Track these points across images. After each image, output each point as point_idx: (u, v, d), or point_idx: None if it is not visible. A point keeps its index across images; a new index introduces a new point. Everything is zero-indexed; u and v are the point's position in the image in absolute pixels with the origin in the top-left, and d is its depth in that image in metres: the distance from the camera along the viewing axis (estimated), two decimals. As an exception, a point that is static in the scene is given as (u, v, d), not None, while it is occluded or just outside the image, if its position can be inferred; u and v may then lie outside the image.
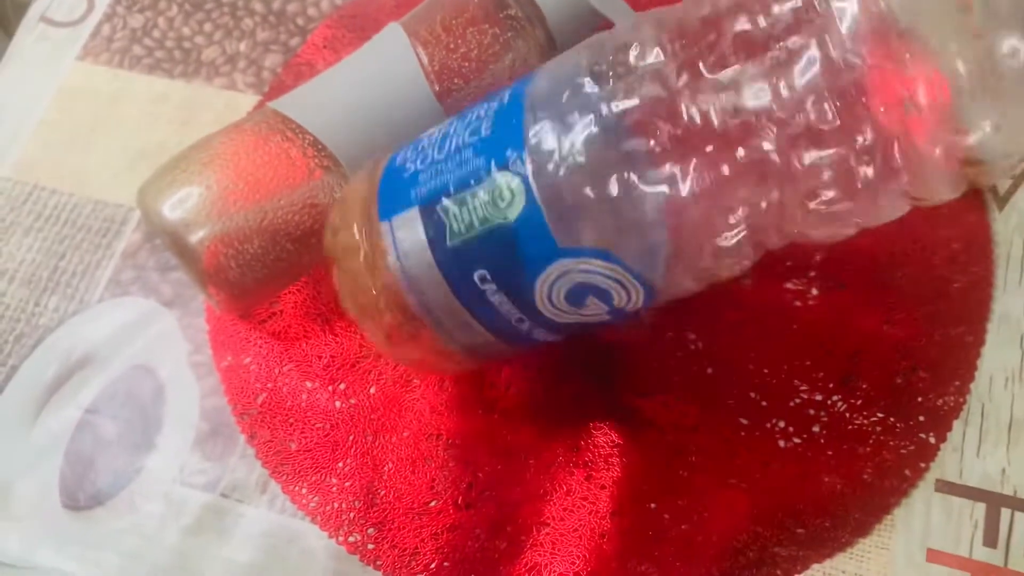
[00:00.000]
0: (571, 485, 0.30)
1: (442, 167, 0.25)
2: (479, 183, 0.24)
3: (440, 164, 0.26)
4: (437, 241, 0.25)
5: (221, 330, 0.34)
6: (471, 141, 0.25)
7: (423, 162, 0.26)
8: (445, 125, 0.27)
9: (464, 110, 0.27)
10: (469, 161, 0.25)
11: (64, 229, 0.36)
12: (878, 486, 0.30)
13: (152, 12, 0.41)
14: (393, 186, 0.26)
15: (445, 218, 0.25)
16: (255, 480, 0.32)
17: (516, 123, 0.24)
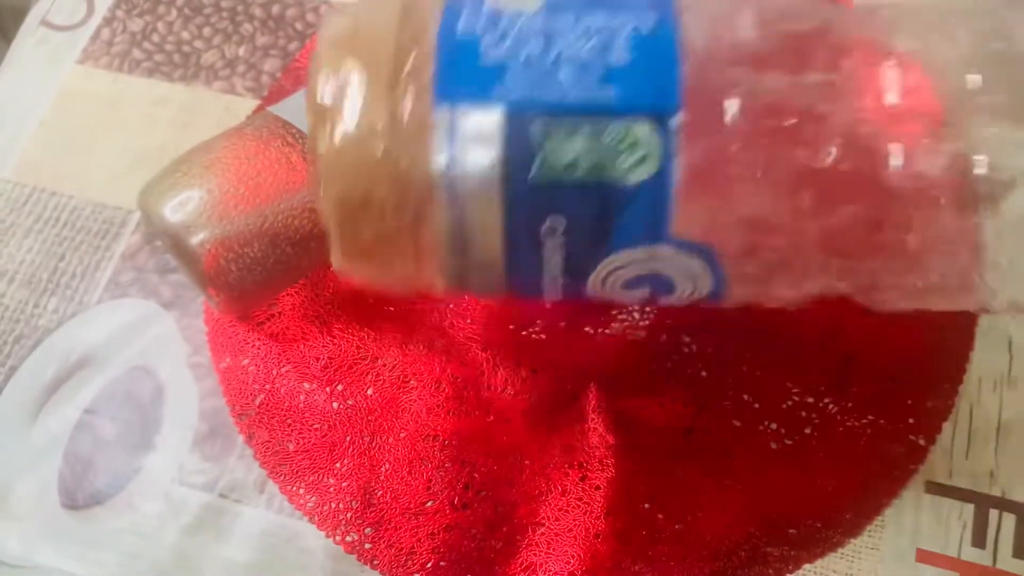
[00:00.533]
0: (566, 485, 0.31)
1: (551, 76, 0.20)
2: (605, 120, 0.20)
3: (548, 71, 0.20)
4: (515, 165, 0.20)
5: (220, 332, 0.34)
6: (600, 61, 0.20)
7: (514, 54, 0.21)
8: (540, 14, 0.21)
9: (567, 4, 0.22)
10: (597, 88, 0.20)
11: (64, 231, 0.37)
12: (869, 487, 0.30)
13: (151, 16, 0.41)
14: (460, 63, 0.21)
15: (540, 142, 0.20)
16: (253, 480, 0.32)
17: (670, 69, 0.20)
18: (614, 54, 0.20)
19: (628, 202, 0.20)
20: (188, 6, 0.41)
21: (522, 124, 0.20)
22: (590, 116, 0.20)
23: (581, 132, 0.20)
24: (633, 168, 0.20)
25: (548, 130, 0.20)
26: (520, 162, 0.20)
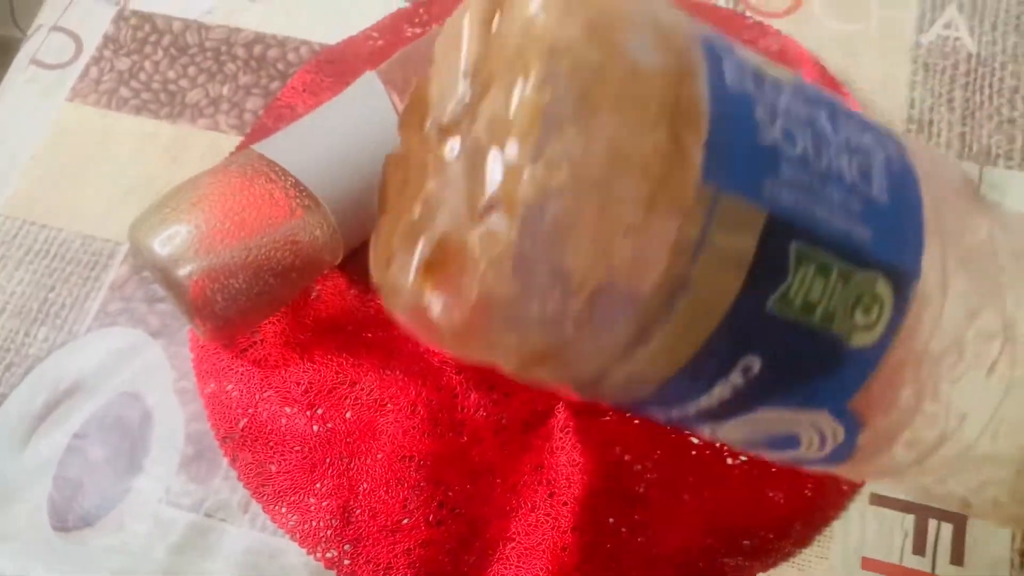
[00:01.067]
0: (535, 502, 0.32)
1: (821, 190, 0.17)
2: (857, 265, 0.17)
3: (819, 183, 0.17)
4: (756, 283, 0.17)
5: (205, 358, 0.36)
6: (862, 189, 0.17)
7: (788, 141, 0.17)
8: (798, 95, 0.18)
9: (831, 101, 0.18)
10: (858, 223, 0.17)
11: (54, 263, 0.38)
12: (818, 500, 0.32)
13: (138, 56, 0.43)
14: (737, 137, 0.17)
15: (793, 269, 0.17)
16: (237, 500, 0.33)
17: (914, 223, 0.18)
18: (875, 186, 0.17)
19: (835, 364, 0.17)
20: (174, 46, 0.43)
21: (782, 240, 0.17)
22: (847, 255, 0.17)
23: (833, 270, 0.17)
24: (863, 330, 0.17)
25: (806, 257, 0.17)
26: (762, 282, 0.17)
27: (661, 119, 0.16)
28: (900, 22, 0.42)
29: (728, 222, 0.16)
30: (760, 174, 0.17)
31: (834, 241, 0.17)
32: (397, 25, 0.43)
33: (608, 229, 0.16)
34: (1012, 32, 0.41)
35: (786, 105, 0.18)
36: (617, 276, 0.16)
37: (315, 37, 0.43)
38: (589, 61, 0.16)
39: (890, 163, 0.18)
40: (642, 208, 0.16)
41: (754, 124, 0.17)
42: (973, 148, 0.39)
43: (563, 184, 0.16)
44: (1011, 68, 0.40)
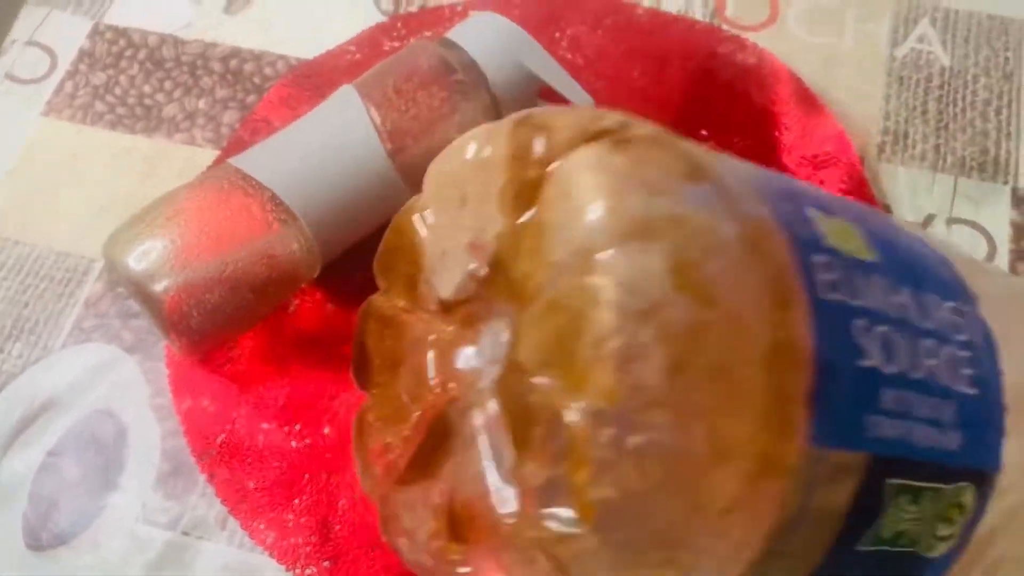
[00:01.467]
0: (516, 516, 0.32)
1: (914, 407, 0.15)
2: (944, 483, 0.15)
3: (912, 397, 0.15)
4: (851, 534, 0.15)
5: (181, 374, 0.35)
6: (950, 387, 0.15)
7: (886, 358, 0.15)
8: (901, 275, 0.16)
9: (920, 281, 0.16)
10: (946, 430, 0.15)
11: (28, 279, 0.38)
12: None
13: (114, 70, 0.43)
14: (841, 373, 0.14)
15: (885, 507, 0.15)
16: (215, 517, 0.33)
17: (998, 407, 0.16)
18: (961, 375, 0.15)
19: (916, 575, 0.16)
20: (149, 60, 0.43)
21: (881, 479, 0.15)
22: (939, 475, 0.15)
23: (925, 495, 0.15)
24: (944, 540, 0.15)
25: (900, 491, 0.15)
26: (856, 527, 0.15)
27: (762, 377, 0.13)
28: (874, 36, 0.42)
29: (830, 478, 0.14)
30: (863, 412, 0.14)
31: (928, 465, 0.15)
32: (375, 39, 0.43)
33: (699, 522, 0.13)
34: (984, 46, 0.42)
35: (877, 297, 0.15)
36: (705, 558, 0.14)
37: (292, 51, 0.43)
38: (680, 318, 0.12)
39: (972, 336, 0.16)
40: (737, 493, 0.13)
41: (855, 347, 0.14)
42: (947, 159, 0.39)
43: (654, 481, 0.13)
44: (983, 81, 0.41)
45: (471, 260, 0.16)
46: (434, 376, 0.16)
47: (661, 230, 0.13)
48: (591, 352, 0.12)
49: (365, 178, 0.34)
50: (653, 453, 0.12)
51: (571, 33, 0.42)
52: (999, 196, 0.38)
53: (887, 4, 0.43)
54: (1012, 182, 0.38)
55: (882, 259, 0.16)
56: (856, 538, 0.15)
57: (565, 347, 0.13)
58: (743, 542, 0.14)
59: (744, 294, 0.13)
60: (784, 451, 0.14)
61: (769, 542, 0.14)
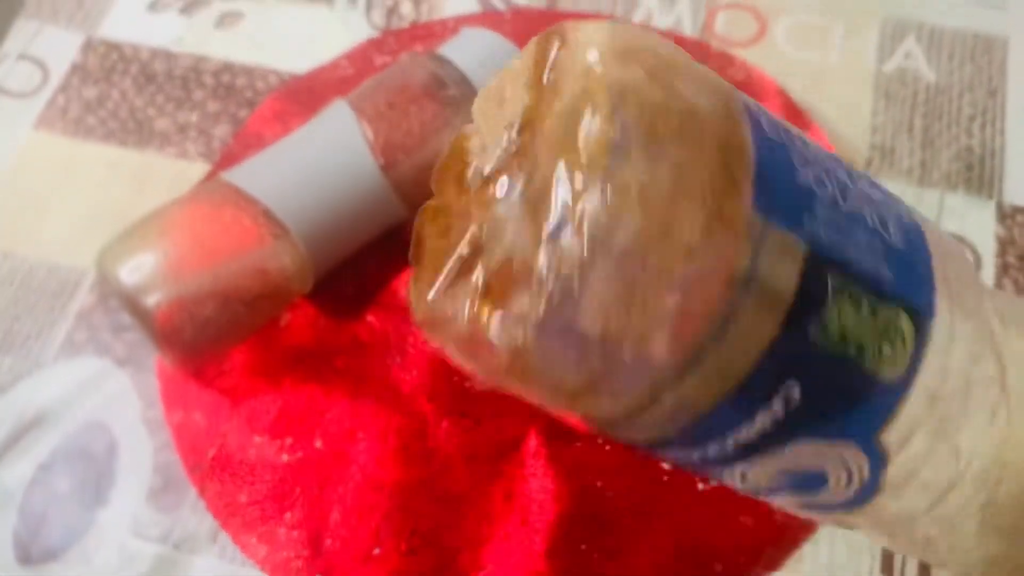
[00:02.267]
0: (508, 530, 0.32)
1: (849, 231, 0.19)
2: (880, 299, 0.19)
3: (847, 225, 0.19)
4: (799, 316, 0.18)
5: (173, 387, 0.35)
6: (881, 235, 0.19)
7: (819, 184, 0.19)
8: (832, 160, 0.20)
9: (845, 162, 0.21)
10: (881, 263, 0.19)
11: (19, 292, 0.38)
12: (788, 524, 0.32)
13: (105, 84, 0.43)
14: (779, 176, 0.18)
15: (831, 300, 0.18)
16: (206, 531, 0.33)
17: (926, 269, 0.20)
18: (892, 234, 0.19)
19: (866, 394, 0.19)
20: (141, 74, 0.43)
21: (821, 272, 0.18)
22: (875, 289, 0.19)
23: (863, 303, 0.18)
24: (889, 362, 0.19)
25: (842, 289, 0.18)
26: (804, 311, 0.18)
27: (716, 153, 0.18)
28: (861, 52, 0.43)
29: (775, 252, 0.18)
30: (800, 210, 0.18)
31: (864, 275, 0.19)
32: (366, 54, 0.43)
33: (671, 250, 0.18)
34: (968, 62, 0.42)
35: (812, 155, 0.20)
36: (678, 296, 0.18)
37: (283, 66, 0.43)
38: (653, 99, 0.18)
39: (901, 218, 0.20)
40: (700, 232, 0.18)
41: (791, 166, 0.19)
42: (933, 175, 0.39)
43: (632, 206, 0.17)
44: (968, 97, 0.41)
45: (507, 136, 0.20)
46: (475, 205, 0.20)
47: (645, 52, 0.19)
48: (590, 125, 0.18)
49: (357, 192, 0.34)
50: (634, 185, 0.17)
51: (562, 48, 0.43)
52: (984, 210, 0.38)
53: (874, 21, 0.43)
54: (997, 196, 0.39)
55: (819, 147, 0.21)
56: (804, 323, 0.18)
57: (568, 130, 0.18)
58: (705, 297, 0.18)
59: (702, 97, 0.19)
60: (733, 208, 0.18)
61: (724, 305, 0.18)
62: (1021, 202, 0.39)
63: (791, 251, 0.18)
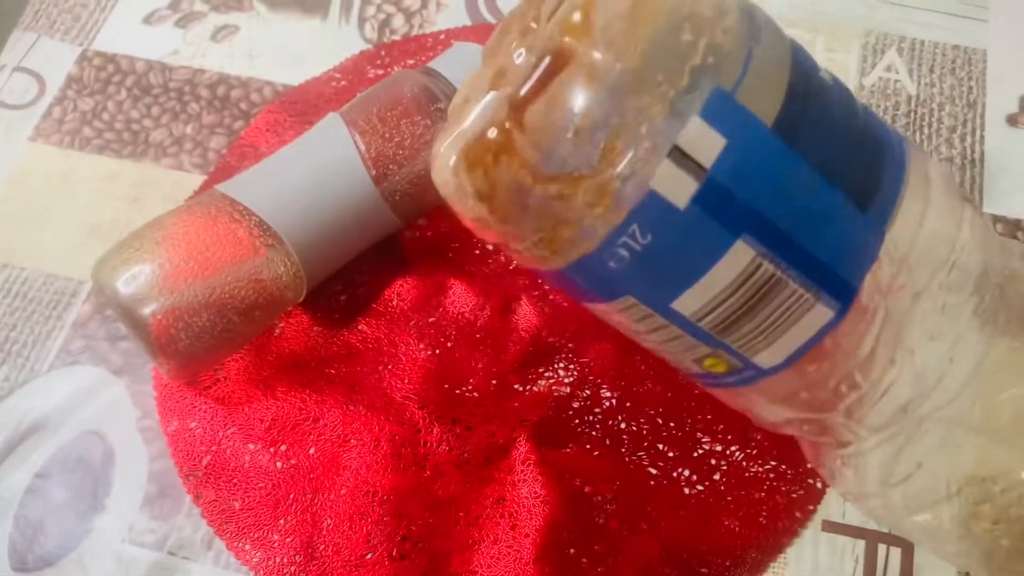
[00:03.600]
0: (498, 535, 0.33)
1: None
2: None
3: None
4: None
5: (168, 396, 0.36)
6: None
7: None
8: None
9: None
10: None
11: (15, 301, 0.38)
12: (772, 527, 0.33)
13: (102, 96, 0.43)
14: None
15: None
16: (201, 538, 0.33)
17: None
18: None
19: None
20: (137, 86, 0.44)
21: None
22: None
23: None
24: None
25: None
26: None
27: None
28: (844, 64, 0.43)
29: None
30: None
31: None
32: (359, 67, 0.44)
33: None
34: (948, 75, 0.43)
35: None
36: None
37: (278, 78, 0.44)
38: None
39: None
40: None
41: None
42: (915, 185, 0.40)
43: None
44: (948, 109, 0.42)
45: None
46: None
47: None
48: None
49: (350, 204, 0.35)
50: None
51: (551, 61, 0.44)
52: (964, 220, 0.39)
53: (856, 34, 0.44)
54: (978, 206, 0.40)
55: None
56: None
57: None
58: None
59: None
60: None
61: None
62: (1001, 211, 0.39)
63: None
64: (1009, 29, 0.44)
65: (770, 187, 0.22)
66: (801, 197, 0.22)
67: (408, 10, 0.46)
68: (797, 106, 0.22)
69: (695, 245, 0.22)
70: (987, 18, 0.45)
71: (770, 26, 0.24)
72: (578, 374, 0.36)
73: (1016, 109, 0.42)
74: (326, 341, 0.37)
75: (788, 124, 0.22)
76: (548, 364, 0.36)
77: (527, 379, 0.36)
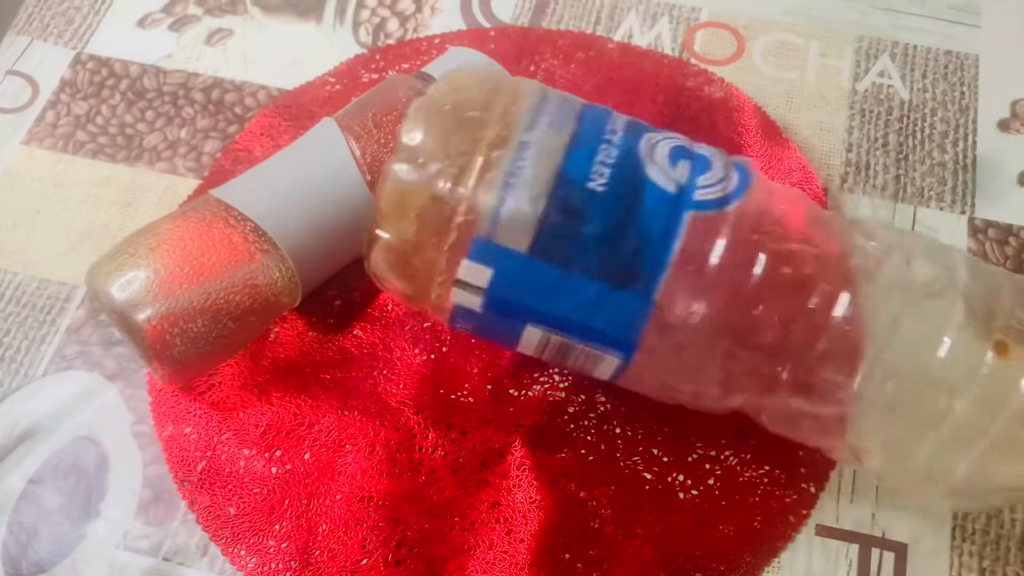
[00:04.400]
0: (493, 540, 0.33)
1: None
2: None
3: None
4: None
5: (163, 401, 0.36)
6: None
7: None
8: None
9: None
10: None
11: (9, 306, 0.38)
12: (766, 532, 0.33)
13: (96, 100, 0.43)
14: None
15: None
16: (196, 543, 0.33)
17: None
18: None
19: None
20: (131, 90, 0.44)
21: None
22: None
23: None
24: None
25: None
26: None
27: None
28: (837, 70, 0.44)
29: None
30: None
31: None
32: (354, 71, 0.44)
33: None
34: (941, 80, 0.43)
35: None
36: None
37: (272, 82, 0.44)
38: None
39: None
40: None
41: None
42: (908, 190, 0.40)
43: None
44: (940, 114, 0.42)
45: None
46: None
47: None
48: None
49: (345, 209, 0.35)
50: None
51: (545, 67, 0.44)
52: (957, 225, 0.39)
53: (849, 40, 0.45)
54: (969, 212, 0.40)
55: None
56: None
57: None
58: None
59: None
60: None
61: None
62: (992, 216, 0.40)
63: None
64: (1001, 35, 0.45)
65: (536, 292, 0.29)
66: (565, 294, 0.28)
67: (403, 14, 0.46)
68: (550, 232, 0.28)
69: (500, 329, 0.30)
70: (979, 24, 0.45)
71: (527, 184, 0.28)
72: (573, 379, 0.36)
73: (1008, 114, 0.42)
74: (321, 346, 0.37)
75: (541, 248, 0.28)
76: (543, 369, 0.36)
77: (522, 384, 0.36)
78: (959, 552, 0.33)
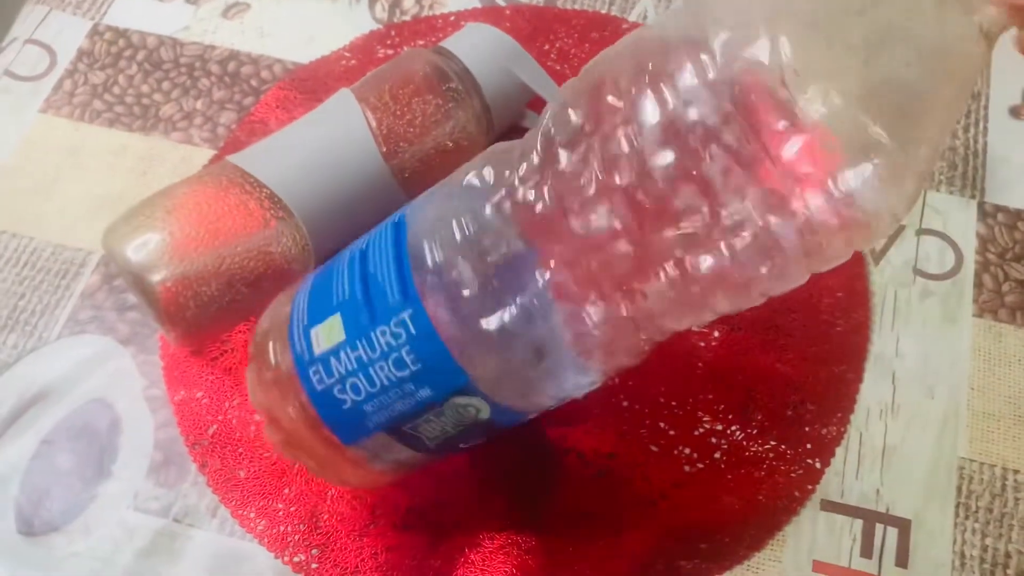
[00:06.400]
0: (499, 507, 0.33)
1: (387, 401, 0.27)
2: (441, 408, 0.27)
3: (383, 398, 0.27)
4: (418, 447, 0.29)
5: (175, 366, 0.36)
6: (405, 376, 0.27)
7: (358, 395, 0.27)
8: (349, 349, 0.28)
9: (363, 323, 0.28)
10: (416, 395, 0.27)
11: (24, 271, 0.38)
12: (771, 506, 0.33)
13: (113, 70, 0.44)
14: (337, 414, 0.28)
15: (419, 433, 0.28)
16: (206, 505, 0.34)
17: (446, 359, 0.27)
18: (410, 364, 0.27)
19: (493, 423, 0.29)
20: (148, 61, 0.44)
21: (401, 433, 0.29)
22: (435, 411, 0.28)
23: (435, 419, 0.28)
24: (480, 413, 0.29)
25: (417, 427, 0.28)
26: (419, 445, 0.29)
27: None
28: (850, 54, 0.44)
29: (376, 448, 0.29)
30: (361, 423, 0.28)
31: (417, 412, 0.28)
32: (369, 46, 0.44)
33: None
34: (954, 66, 0.43)
35: (343, 366, 0.28)
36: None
37: (288, 56, 0.44)
38: None
39: (415, 341, 0.27)
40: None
41: (338, 401, 0.28)
42: (918, 174, 0.41)
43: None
44: (953, 99, 0.42)
45: None
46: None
47: None
48: None
49: (360, 179, 0.35)
50: None
51: (559, 46, 0.44)
52: (967, 209, 0.40)
53: (863, 25, 0.45)
54: (979, 196, 0.40)
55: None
56: (425, 445, 0.29)
57: None
58: None
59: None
60: None
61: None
62: (1002, 201, 0.40)
63: (381, 440, 0.29)
64: (1014, 23, 0.45)
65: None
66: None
67: (418, -8, 0.46)
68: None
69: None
70: (992, 11, 0.45)
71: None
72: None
73: (1019, 101, 0.42)
74: (333, 314, 0.37)
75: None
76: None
77: (531, 357, 0.36)
78: (962, 529, 0.33)
